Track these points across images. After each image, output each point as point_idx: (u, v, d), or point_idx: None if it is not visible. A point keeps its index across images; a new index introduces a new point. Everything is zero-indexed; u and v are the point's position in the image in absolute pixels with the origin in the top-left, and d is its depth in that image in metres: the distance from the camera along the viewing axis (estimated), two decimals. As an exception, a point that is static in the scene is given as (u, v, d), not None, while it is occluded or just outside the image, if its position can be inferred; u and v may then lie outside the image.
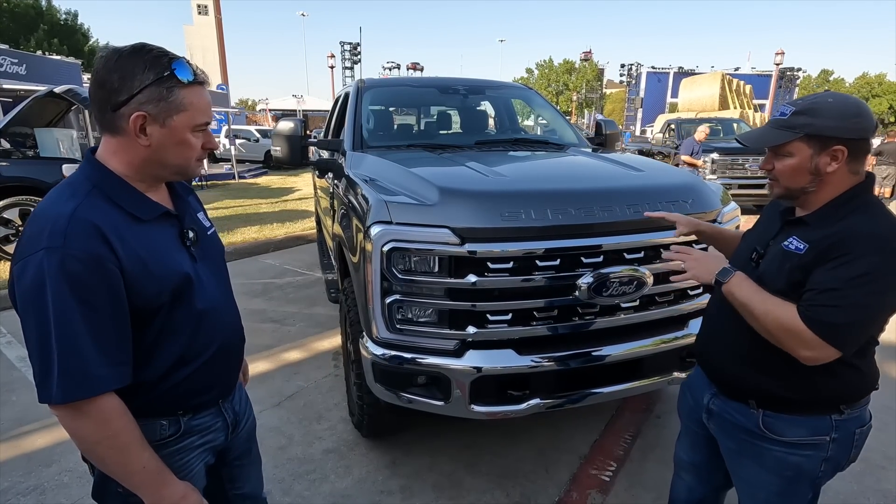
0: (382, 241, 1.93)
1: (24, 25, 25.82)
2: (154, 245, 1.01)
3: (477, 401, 2.00)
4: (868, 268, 1.06)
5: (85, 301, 0.89)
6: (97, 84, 0.97)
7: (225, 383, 1.21)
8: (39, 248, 0.88)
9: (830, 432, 1.22)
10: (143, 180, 1.04)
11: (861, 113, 1.14)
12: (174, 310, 1.03)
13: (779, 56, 28.54)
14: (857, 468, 2.43)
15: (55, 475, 2.39)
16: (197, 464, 1.16)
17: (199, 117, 1.02)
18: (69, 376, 0.89)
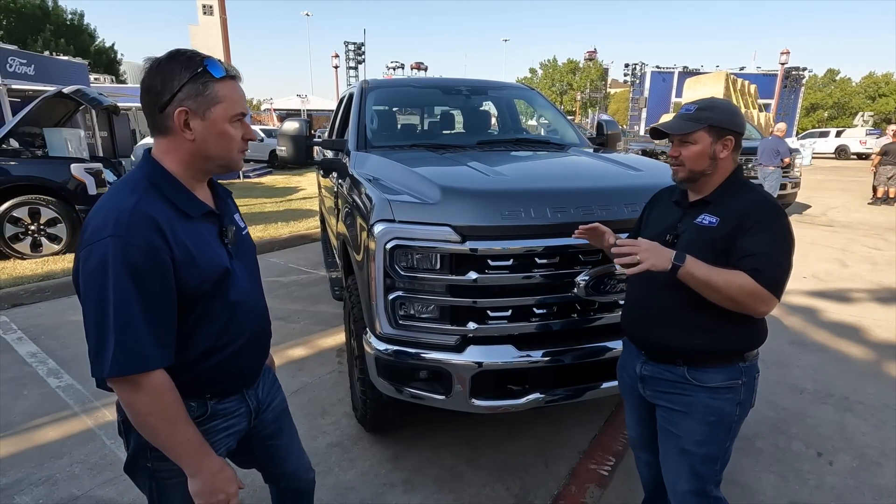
0: (385, 238, 1.98)
1: (30, 25, 26.01)
2: (199, 240, 1.11)
3: (477, 395, 2.04)
4: (777, 228, 1.37)
5: (142, 286, 0.98)
6: (144, 91, 1.08)
7: (251, 372, 1.31)
8: (105, 236, 0.97)
9: (741, 377, 1.47)
10: (194, 176, 1.14)
11: (741, 113, 1.49)
12: (212, 300, 1.12)
13: (784, 56, 28.41)
14: (854, 464, 2.47)
15: (66, 466, 2.45)
16: (220, 448, 1.23)
17: (234, 108, 1.11)
18: (124, 352, 0.97)
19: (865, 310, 4.61)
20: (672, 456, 1.56)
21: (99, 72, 25.89)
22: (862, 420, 2.86)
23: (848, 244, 7.18)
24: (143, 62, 1.09)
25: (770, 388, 3.19)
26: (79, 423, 2.83)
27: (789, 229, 1.39)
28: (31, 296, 4.83)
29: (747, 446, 2.60)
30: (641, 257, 1.35)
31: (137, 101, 5.11)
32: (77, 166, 5.96)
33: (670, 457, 1.57)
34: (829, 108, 49.41)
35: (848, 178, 16.20)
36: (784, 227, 1.38)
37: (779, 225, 1.37)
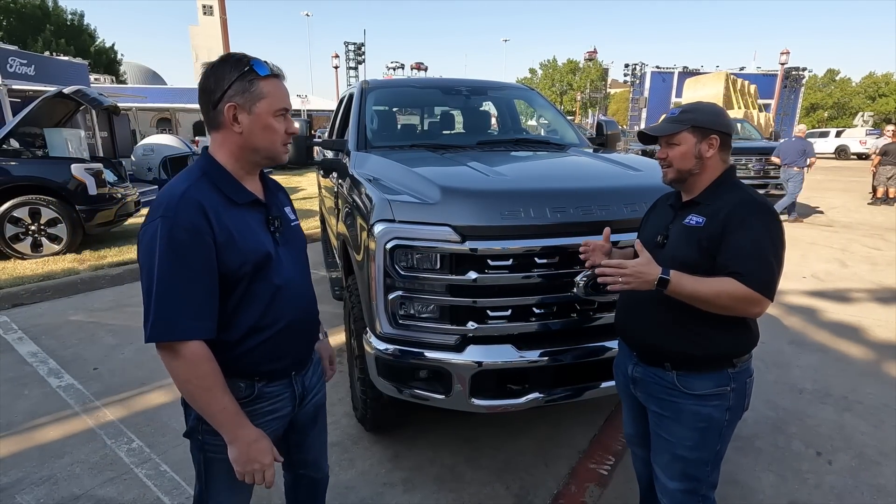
0: (385, 238, 1.99)
1: (30, 26, 26.03)
2: (243, 225, 1.20)
3: (477, 395, 2.05)
4: (763, 226, 1.36)
5: (183, 262, 1.09)
6: (201, 91, 1.21)
7: (296, 357, 1.37)
8: (157, 217, 1.11)
9: (730, 383, 1.47)
10: (243, 168, 1.25)
11: (725, 114, 1.53)
12: (254, 282, 1.21)
13: (784, 56, 28.40)
14: (853, 463, 2.48)
15: (67, 466, 2.46)
16: (266, 430, 1.28)
17: (276, 103, 1.21)
18: (162, 321, 1.09)
19: (865, 310, 4.61)
20: (663, 458, 1.58)
21: (99, 72, 25.89)
22: (861, 420, 2.87)
23: (848, 244, 7.18)
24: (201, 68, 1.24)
25: (769, 387, 3.20)
26: (79, 422, 2.83)
27: (778, 227, 1.38)
28: (32, 296, 4.84)
29: (746, 446, 2.60)
30: (625, 281, 1.37)
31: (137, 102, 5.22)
32: (77, 166, 5.97)
33: (662, 458, 1.59)
34: (829, 109, 49.43)
35: (848, 178, 16.21)
36: (771, 225, 1.37)
37: (765, 223, 1.37)
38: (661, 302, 1.44)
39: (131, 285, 5.37)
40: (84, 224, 6.07)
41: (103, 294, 5.08)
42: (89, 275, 5.31)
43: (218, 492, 1.33)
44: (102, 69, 28.36)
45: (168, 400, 3.07)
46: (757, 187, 8.98)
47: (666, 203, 1.64)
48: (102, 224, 6.31)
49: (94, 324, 4.27)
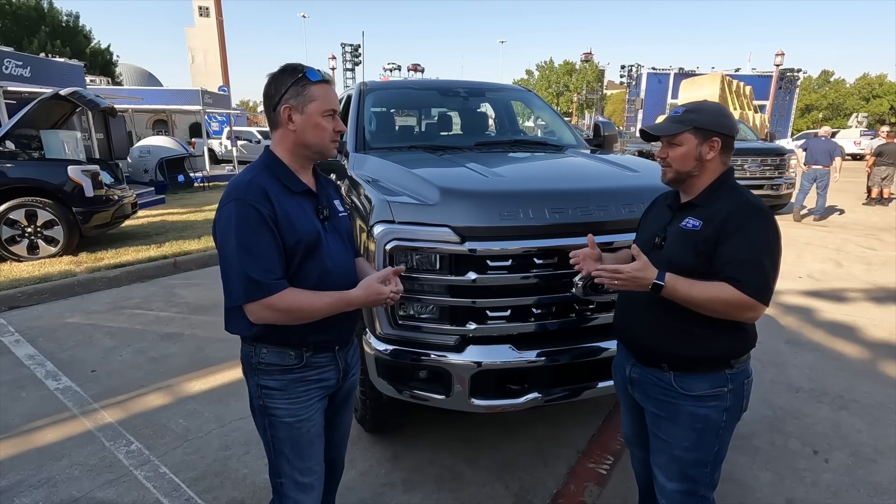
0: (385, 239, 1.99)
1: (26, 27, 25.87)
2: (298, 210, 1.38)
3: (477, 395, 2.06)
4: (760, 230, 1.35)
5: (257, 232, 1.29)
6: (264, 97, 1.41)
7: (340, 332, 1.52)
8: (230, 201, 1.31)
9: (727, 384, 1.47)
10: (297, 162, 1.43)
11: (729, 115, 1.50)
12: (305, 259, 1.38)
13: (779, 57, 28.57)
14: (849, 461, 2.50)
15: (66, 468, 2.45)
16: (314, 396, 1.48)
17: (325, 105, 1.38)
18: (252, 283, 1.28)
19: (860, 309, 4.65)
20: (661, 458, 1.58)
21: (95, 73, 25.77)
22: (857, 418, 2.89)
23: (843, 244, 7.23)
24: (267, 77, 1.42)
25: (766, 386, 3.22)
26: (78, 424, 2.82)
27: (774, 231, 1.37)
28: (28, 298, 4.82)
29: (744, 444, 2.62)
30: (620, 286, 1.38)
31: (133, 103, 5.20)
32: (74, 168, 5.95)
33: (660, 459, 1.59)
34: (824, 110, 49.71)
35: (843, 179, 16.26)
36: (768, 230, 1.36)
37: (762, 227, 1.36)
38: (658, 303, 1.45)
39: (129, 287, 5.36)
40: (81, 226, 6.04)
41: (100, 296, 5.06)
42: (86, 277, 5.29)
43: (287, 458, 1.48)
44: (98, 71, 28.19)
45: (167, 402, 3.06)
46: (755, 188, 9.08)
47: (664, 203, 1.63)
48: (99, 226, 6.29)
49: (91, 326, 4.26)
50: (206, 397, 3.11)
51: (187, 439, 2.69)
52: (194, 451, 2.58)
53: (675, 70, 32.07)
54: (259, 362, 1.43)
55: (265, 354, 1.42)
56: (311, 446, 1.50)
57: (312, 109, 1.37)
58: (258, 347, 1.43)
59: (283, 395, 1.44)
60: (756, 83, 27.34)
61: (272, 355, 1.43)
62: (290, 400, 1.45)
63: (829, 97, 49.77)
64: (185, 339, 4.00)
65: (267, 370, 1.43)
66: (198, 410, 2.96)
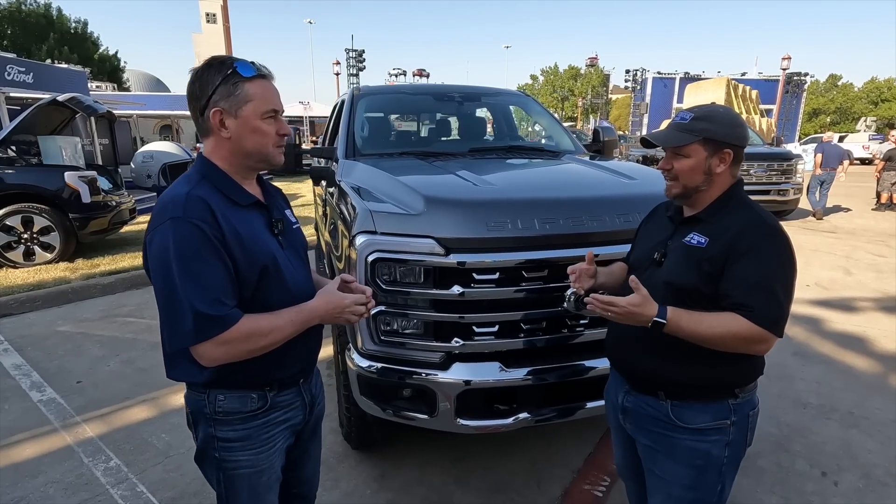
0: (367, 251, 1.90)
1: (34, 34, 26.19)
2: (249, 227, 1.18)
3: (463, 415, 1.96)
4: (774, 254, 1.22)
5: (201, 257, 1.07)
6: (188, 98, 1.18)
7: (305, 363, 1.34)
8: (165, 220, 1.08)
9: (730, 416, 1.32)
10: (238, 172, 1.22)
11: (743, 124, 1.34)
12: (262, 285, 1.18)
13: (785, 61, 28.33)
14: (860, 484, 2.37)
15: (41, 486, 2.37)
16: (279, 440, 1.29)
17: (263, 105, 1.17)
18: (201, 318, 1.06)
19: (871, 319, 4.50)
20: (658, 497, 1.43)
21: (102, 79, 26.01)
22: (868, 437, 2.75)
23: (852, 251, 7.07)
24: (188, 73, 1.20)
25: (772, 402, 3.09)
26: (58, 439, 2.74)
27: (789, 254, 1.24)
28: (21, 305, 4.77)
29: (748, 465, 2.49)
30: (617, 321, 1.26)
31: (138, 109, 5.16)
32: (71, 174, 5.92)
33: (656, 498, 1.45)
34: (832, 114, 49.27)
35: (851, 184, 16.06)
36: (783, 253, 1.23)
37: (776, 250, 1.22)
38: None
39: (122, 294, 5.30)
40: (77, 232, 6.01)
41: (94, 304, 5.00)
42: (80, 284, 5.24)
43: None
44: (106, 77, 28.47)
45: (150, 415, 2.98)
46: (762, 193, 8.94)
47: (665, 214, 1.48)
48: (96, 232, 6.25)
49: (81, 335, 4.19)
50: (191, 411, 3.02)
51: (168, 455, 2.60)
52: (175, 469, 2.49)
53: (680, 74, 31.84)
54: (216, 412, 1.21)
55: (222, 402, 1.20)
56: (269, 492, 1.33)
57: (249, 112, 1.15)
58: (213, 394, 1.20)
59: (245, 445, 1.23)
60: (763, 87, 27.12)
61: (231, 401, 1.21)
62: (254, 450, 1.24)
63: (836, 101, 49.33)
64: (175, 349, 3.91)
65: (226, 420, 1.21)
66: (181, 424, 2.87)
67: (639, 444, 1.47)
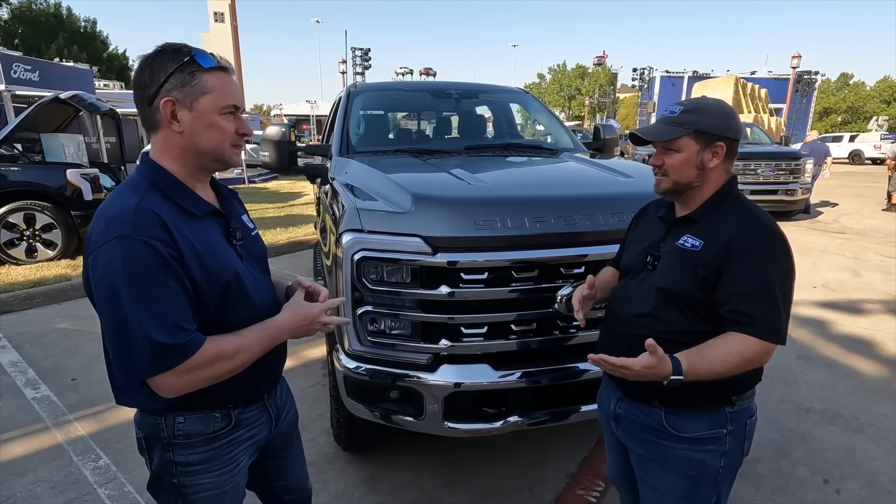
0: (353, 250, 1.86)
1: (44, 33, 26.47)
2: (206, 240, 1.07)
3: (451, 417, 1.91)
4: (772, 258, 1.17)
5: (156, 279, 0.96)
6: (134, 86, 1.06)
7: (270, 378, 1.27)
8: (112, 238, 0.95)
9: (727, 424, 1.28)
10: (191, 174, 1.10)
11: (735, 115, 1.29)
12: (224, 301, 1.08)
13: (795, 59, 27.96)
14: (863, 493, 2.29)
15: (29, 485, 2.35)
16: (243, 458, 1.22)
17: (224, 99, 1.07)
18: (159, 347, 0.95)
19: (879, 322, 4.39)
20: None
21: (111, 78, 26.20)
22: (873, 443, 2.68)
23: (861, 252, 6.94)
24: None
25: (774, 406, 3.01)
26: (48, 437, 2.73)
27: (787, 255, 1.18)
28: (21, 302, 4.78)
29: (748, 471, 2.43)
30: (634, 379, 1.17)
31: None
32: (73, 172, 5.93)
33: None
34: (843, 113, 48.64)
35: (861, 184, 15.83)
36: (780, 256, 1.18)
37: (773, 253, 1.17)
38: (648, 329, 1.26)
39: (122, 292, 5.30)
40: (79, 230, 6.02)
41: (93, 301, 5.00)
42: (80, 281, 5.24)
43: None
44: (114, 75, 28.70)
45: (142, 414, 2.96)
46: (769, 192, 8.82)
47: (656, 214, 1.43)
48: (98, 230, 6.26)
49: (79, 332, 4.19)
50: (183, 410, 3.00)
51: (158, 455, 2.57)
52: (163, 469, 2.47)
53: (689, 73, 31.55)
54: (175, 435, 1.11)
55: (182, 425, 1.11)
56: None
57: (206, 105, 1.04)
58: (171, 417, 1.10)
59: (207, 468, 1.15)
60: (772, 86, 26.77)
61: (193, 423, 1.11)
62: (217, 472, 1.16)
63: (848, 100, 48.69)
64: (171, 347, 3.90)
65: (185, 443, 1.12)
66: (173, 424, 2.85)
67: (631, 453, 1.42)
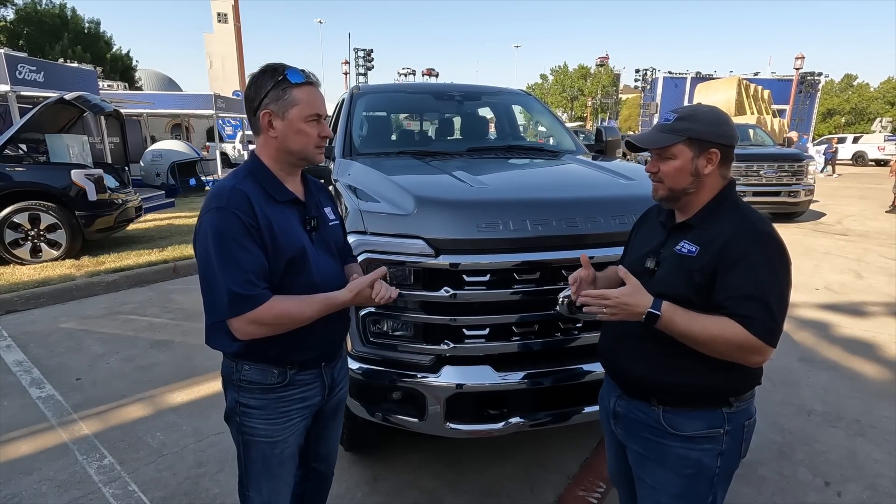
0: (356, 251, 1.87)
1: (49, 34, 26.55)
2: (283, 221, 1.30)
3: (453, 419, 1.92)
4: (768, 261, 1.18)
5: (239, 243, 1.21)
6: (245, 100, 1.34)
7: (326, 349, 1.44)
8: (212, 208, 1.24)
9: (724, 424, 1.29)
10: (282, 169, 1.35)
11: (729, 122, 1.30)
12: (289, 274, 1.30)
13: (799, 60, 27.90)
14: (864, 495, 2.30)
15: (34, 483, 2.37)
16: (296, 416, 1.41)
17: (307, 109, 1.29)
18: (235, 297, 1.19)
19: (881, 324, 4.39)
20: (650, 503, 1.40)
21: (115, 78, 26.28)
22: (875, 446, 2.68)
23: (864, 254, 6.92)
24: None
25: (776, 408, 3.02)
26: (54, 436, 2.75)
27: (783, 260, 1.19)
28: (26, 302, 4.81)
29: (749, 473, 2.43)
30: (610, 313, 1.21)
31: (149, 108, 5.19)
32: (77, 172, 5.97)
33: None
34: (847, 114, 48.49)
35: (865, 185, 15.79)
36: (777, 260, 1.18)
37: (769, 257, 1.18)
38: (648, 331, 1.27)
39: (126, 292, 5.33)
40: (83, 230, 6.06)
41: (97, 301, 5.04)
42: (85, 281, 5.28)
43: (257, 476, 1.43)
44: (118, 76, 28.78)
45: (146, 414, 2.98)
46: (772, 194, 8.82)
47: (657, 219, 1.44)
48: (102, 230, 6.30)
49: (83, 332, 4.22)
50: (186, 409, 3.02)
51: (162, 454, 2.59)
52: (167, 468, 2.49)
53: (691, 74, 31.49)
54: (241, 379, 1.36)
55: (247, 372, 1.35)
56: (281, 467, 1.44)
57: (294, 115, 1.28)
58: (240, 364, 1.35)
59: (261, 414, 1.37)
60: (776, 87, 26.69)
61: (254, 373, 1.35)
62: (269, 420, 1.38)
63: (851, 101, 48.53)
64: (174, 347, 3.93)
65: (248, 388, 1.36)
66: (177, 423, 2.87)
67: (629, 451, 1.43)
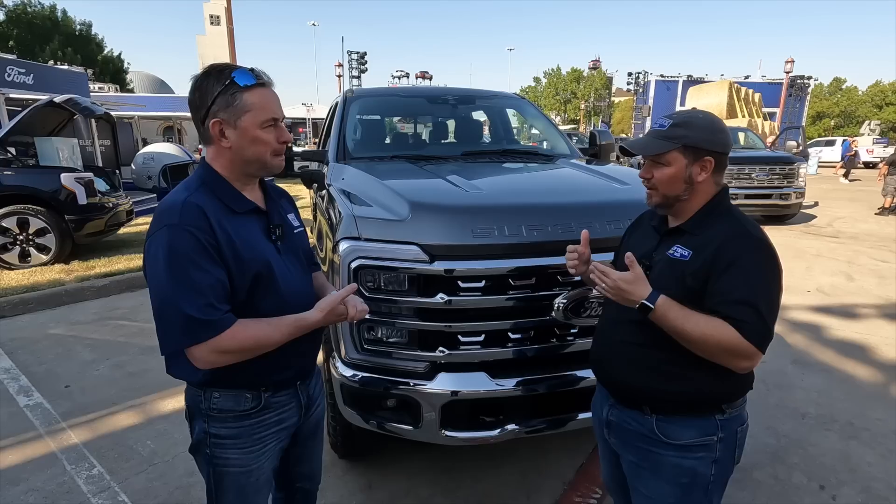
0: (350, 257, 1.86)
1: (40, 36, 26.34)
2: (243, 233, 1.19)
3: (448, 426, 1.90)
4: (760, 266, 1.18)
5: (195, 263, 1.09)
6: (190, 106, 1.19)
7: (301, 366, 1.36)
8: (162, 226, 1.11)
9: (717, 432, 1.28)
10: (239, 179, 1.24)
11: (724, 129, 1.29)
12: (256, 290, 1.20)
13: (789, 64, 28.24)
14: (859, 499, 2.30)
15: (21, 494, 2.32)
16: (271, 441, 1.32)
17: (262, 115, 1.17)
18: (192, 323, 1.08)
19: (873, 327, 4.42)
20: None
21: (106, 81, 26.09)
22: (868, 448, 2.69)
23: (855, 256, 6.98)
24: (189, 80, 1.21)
25: (770, 412, 3.02)
26: (41, 445, 2.70)
27: (774, 265, 1.20)
28: (14, 308, 4.74)
29: (744, 477, 2.43)
30: (605, 291, 1.22)
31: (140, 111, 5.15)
32: (67, 176, 5.89)
33: None
34: (836, 117, 49.10)
35: (855, 188, 15.96)
36: (767, 265, 1.19)
37: (760, 262, 1.18)
38: (640, 335, 1.28)
39: (117, 297, 5.27)
40: (73, 234, 5.98)
41: (87, 306, 4.97)
42: (74, 286, 5.21)
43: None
44: (109, 78, 28.59)
45: (137, 422, 2.93)
46: (763, 197, 8.88)
47: (650, 224, 1.44)
48: (92, 234, 6.23)
49: (72, 338, 4.16)
50: (177, 417, 2.98)
51: (153, 463, 2.55)
52: (158, 477, 2.45)
53: (683, 77, 31.77)
54: (210, 408, 1.24)
55: (217, 400, 1.24)
56: (258, 494, 1.35)
57: (247, 122, 1.15)
58: (208, 392, 1.24)
59: (235, 443, 1.26)
60: (766, 91, 27.00)
61: (225, 400, 1.24)
62: (244, 449, 1.28)
63: (840, 104, 49.20)
64: (166, 353, 3.87)
65: (219, 417, 1.25)
66: (168, 431, 2.83)
67: (623, 461, 1.42)
